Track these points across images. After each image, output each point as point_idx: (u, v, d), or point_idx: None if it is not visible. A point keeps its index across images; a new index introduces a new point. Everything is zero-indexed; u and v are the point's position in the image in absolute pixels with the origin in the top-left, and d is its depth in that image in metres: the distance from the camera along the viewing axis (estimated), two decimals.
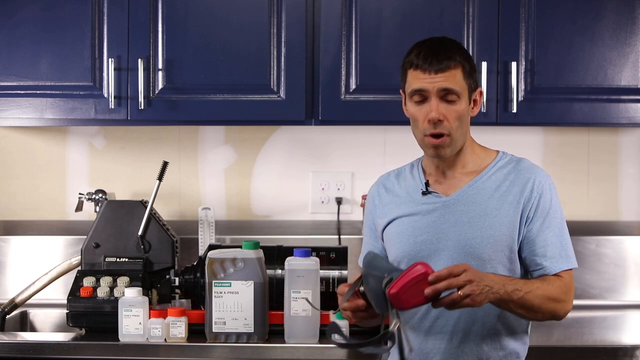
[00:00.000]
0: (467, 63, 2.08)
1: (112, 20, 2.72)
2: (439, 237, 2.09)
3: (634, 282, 3.03)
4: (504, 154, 2.17)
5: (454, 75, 2.04)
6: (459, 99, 2.05)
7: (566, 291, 2.05)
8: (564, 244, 2.09)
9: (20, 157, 3.11)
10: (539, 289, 2.00)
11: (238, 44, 2.72)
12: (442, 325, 2.08)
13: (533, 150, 3.05)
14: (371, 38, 2.71)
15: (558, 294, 2.03)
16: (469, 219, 2.07)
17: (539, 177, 2.10)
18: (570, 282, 2.07)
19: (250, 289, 2.43)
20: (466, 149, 2.14)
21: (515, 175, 2.11)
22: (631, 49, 2.72)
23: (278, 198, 3.09)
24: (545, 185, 2.09)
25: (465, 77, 2.06)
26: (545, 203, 2.08)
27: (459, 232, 2.07)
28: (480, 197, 2.09)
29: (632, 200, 3.09)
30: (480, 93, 2.14)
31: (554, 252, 2.07)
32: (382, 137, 3.06)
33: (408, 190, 2.18)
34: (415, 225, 2.13)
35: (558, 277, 2.06)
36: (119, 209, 2.72)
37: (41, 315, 2.91)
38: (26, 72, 2.74)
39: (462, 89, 2.05)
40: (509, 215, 2.07)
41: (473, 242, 2.06)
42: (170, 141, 3.09)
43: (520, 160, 2.15)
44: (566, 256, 2.08)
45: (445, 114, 2.04)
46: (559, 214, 2.10)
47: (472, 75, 2.10)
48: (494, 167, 2.13)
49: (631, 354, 2.39)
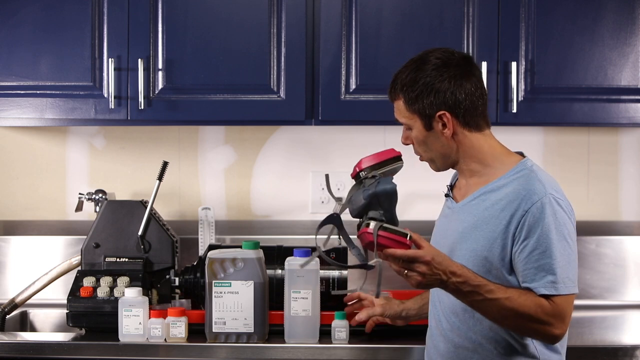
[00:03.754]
0: (411, 91, 2.05)
1: (112, 20, 2.72)
2: (442, 244, 2.09)
3: (634, 282, 3.03)
4: (525, 162, 2.06)
5: (398, 106, 2.11)
6: (411, 127, 2.09)
7: (552, 314, 1.92)
8: (552, 266, 1.93)
9: (20, 157, 3.10)
10: (508, 300, 1.91)
11: (238, 44, 2.72)
12: (442, 329, 2.09)
13: (533, 150, 3.05)
14: (371, 38, 2.71)
15: (536, 314, 1.91)
16: (462, 229, 2.06)
17: (536, 194, 1.96)
18: (563, 308, 1.93)
19: (250, 289, 2.43)
20: (472, 159, 2.08)
21: (518, 191, 2.00)
22: (631, 49, 2.72)
23: (278, 198, 3.09)
24: (537, 204, 1.95)
25: (409, 107, 2.07)
26: (533, 222, 1.94)
27: (452, 241, 2.07)
28: (477, 209, 2.05)
29: (632, 200, 3.09)
30: (445, 114, 2.03)
31: (536, 276, 1.94)
32: (382, 137, 3.06)
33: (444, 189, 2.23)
34: (438, 225, 2.20)
35: (548, 300, 1.92)
36: (119, 209, 2.72)
37: (41, 315, 2.91)
38: (26, 72, 2.73)
39: (407, 118, 2.09)
40: (495, 232, 1.99)
41: (458, 253, 2.03)
42: (170, 141, 3.09)
43: (530, 174, 2.02)
44: (559, 280, 1.93)
45: (409, 139, 2.12)
46: (553, 234, 1.94)
47: (421, 101, 2.04)
48: (506, 177, 2.04)
49: (631, 354, 2.39)
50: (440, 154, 2.09)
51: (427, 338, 2.19)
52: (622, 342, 2.82)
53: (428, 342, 2.18)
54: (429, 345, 2.17)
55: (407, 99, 2.07)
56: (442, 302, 2.08)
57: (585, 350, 2.42)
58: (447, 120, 2.05)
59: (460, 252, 2.03)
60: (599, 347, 2.45)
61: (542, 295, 1.93)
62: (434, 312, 2.13)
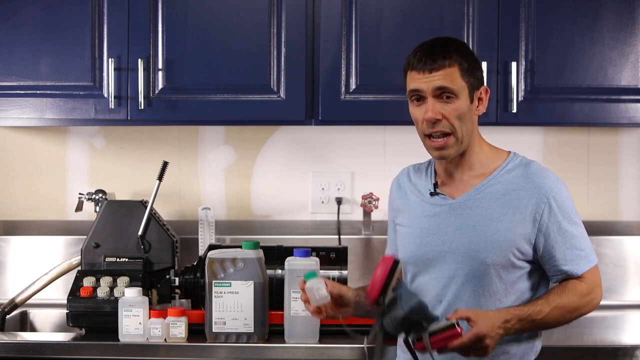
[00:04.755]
0: (465, 61, 2.07)
1: (112, 20, 2.72)
2: (444, 240, 2.09)
3: (634, 282, 3.03)
4: (515, 155, 2.16)
5: (450, 73, 2.04)
6: (457, 98, 2.04)
7: (588, 292, 2.07)
8: (581, 245, 2.09)
9: (20, 157, 3.10)
10: (556, 308, 2.03)
11: (238, 44, 2.72)
12: None
13: (533, 150, 3.05)
14: (371, 38, 2.71)
15: (580, 302, 2.06)
16: (475, 223, 2.07)
17: (549, 182, 2.08)
18: (594, 281, 2.09)
19: (250, 289, 2.43)
20: (473, 150, 2.12)
21: (524, 180, 2.09)
22: (631, 49, 2.72)
23: (278, 198, 3.09)
24: (555, 189, 2.07)
25: (463, 75, 2.05)
26: (556, 209, 2.06)
27: (464, 236, 2.07)
28: (487, 202, 2.08)
29: (632, 200, 3.09)
30: (486, 91, 2.12)
31: (573, 256, 2.07)
32: (382, 137, 3.06)
33: (419, 189, 2.19)
34: (422, 226, 2.14)
35: (579, 281, 2.07)
36: (119, 209, 2.72)
37: (41, 315, 2.91)
38: (26, 72, 2.73)
39: (459, 87, 2.04)
40: (515, 221, 2.06)
41: (477, 247, 2.06)
42: (170, 141, 3.09)
43: (530, 164, 2.13)
44: (585, 256, 2.09)
45: (443, 113, 2.04)
46: (573, 215, 2.09)
47: (473, 73, 2.08)
48: (503, 169, 2.12)
49: (631, 354, 2.39)
50: (469, 132, 2.09)
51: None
52: (622, 342, 2.82)
53: None
54: None
55: (463, 67, 2.06)
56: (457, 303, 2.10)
57: (585, 350, 2.42)
58: (485, 96, 2.11)
59: (480, 245, 2.05)
60: (599, 347, 2.45)
61: (573, 277, 2.07)
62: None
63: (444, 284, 2.10)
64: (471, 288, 2.07)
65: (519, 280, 2.08)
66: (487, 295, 2.07)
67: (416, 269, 2.14)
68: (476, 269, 2.06)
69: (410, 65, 2.07)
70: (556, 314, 2.04)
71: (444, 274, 2.09)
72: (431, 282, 2.11)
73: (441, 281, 2.10)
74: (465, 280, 2.07)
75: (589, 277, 2.08)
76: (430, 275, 2.12)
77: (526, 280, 2.09)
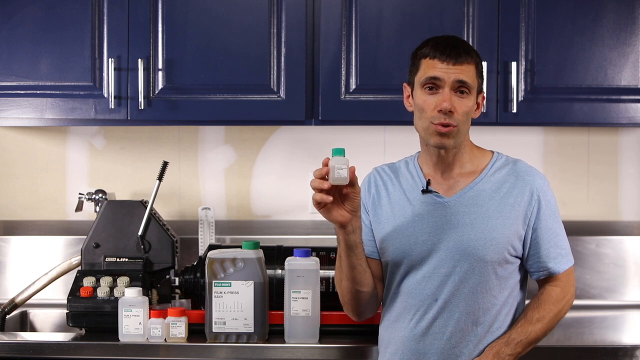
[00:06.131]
0: (480, 64, 2.13)
1: (112, 20, 2.72)
2: (440, 238, 2.09)
3: (634, 282, 3.03)
4: (499, 154, 2.20)
5: (469, 70, 2.08)
6: (470, 95, 2.08)
7: (563, 296, 2.14)
8: (563, 243, 2.16)
9: (20, 157, 3.11)
10: (538, 321, 2.10)
11: (238, 44, 2.72)
12: (441, 326, 2.09)
13: (533, 150, 3.05)
14: (371, 38, 2.71)
15: (555, 309, 2.13)
16: (471, 221, 2.09)
17: (538, 180, 2.14)
18: (568, 282, 2.16)
19: (250, 289, 2.43)
20: (465, 148, 2.16)
21: (514, 178, 2.13)
22: (631, 49, 2.72)
23: (278, 198, 3.09)
24: (544, 188, 2.13)
25: (477, 76, 2.10)
26: (544, 206, 2.12)
27: (461, 234, 2.08)
28: (481, 199, 2.11)
29: (632, 200, 3.09)
30: (483, 97, 2.17)
31: (556, 254, 2.14)
32: (382, 137, 3.06)
33: (404, 188, 2.18)
34: (415, 225, 2.13)
35: (552, 286, 2.14)
36: (119, 209, 2.72)
37: (41, 315, 2.91)
38: (26, 72, 2.74)
39: (473, 85, 2.09)
40: (510, 218, 2.10)
41: (476, 244, 2.07)
42: (170, 141, 3.09)
43: (517, 162, 2.18)
44: (566, 255, 2.16)
45: (455, 106, 2.07)
46: (556, 214, 2.15)
47: (481, 76, 2.15)
48: (492, 168, 2.16)
49: (631, 354, 2.39)
50: (466, 132, 2.13)
51: (422, 336, 2.16)
52: (622, 342, 2.81)
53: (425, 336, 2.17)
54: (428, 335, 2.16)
55: (478, 68, 2.12)
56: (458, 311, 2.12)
57: (585, 350, 2.42)
58: (481, 103, 2.16)
59: (479, 242, 2.07)
60: (599, 347, 2.45)
61: (548, 280, 2.14)
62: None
63: (439, 283, 2.09)
64: (468, 285, 2.08)
65: (510, 275, 2.12)
66: (483, 292, 2.08)
67: (407, 269, 2.13)
68: (475, 266, 2.07)
69: (430, 54, 2.08)
70: (539, 328, 2.10)
71: (439, 272, 2.09)
72: (425, 281, 2.11)
73: (437, 280, 2.10)
74: (462, 277, 2.08)
75: (564, 278, 2.15)
76: (424, 274, 2.11)
77: (517, 275, 2.14)
